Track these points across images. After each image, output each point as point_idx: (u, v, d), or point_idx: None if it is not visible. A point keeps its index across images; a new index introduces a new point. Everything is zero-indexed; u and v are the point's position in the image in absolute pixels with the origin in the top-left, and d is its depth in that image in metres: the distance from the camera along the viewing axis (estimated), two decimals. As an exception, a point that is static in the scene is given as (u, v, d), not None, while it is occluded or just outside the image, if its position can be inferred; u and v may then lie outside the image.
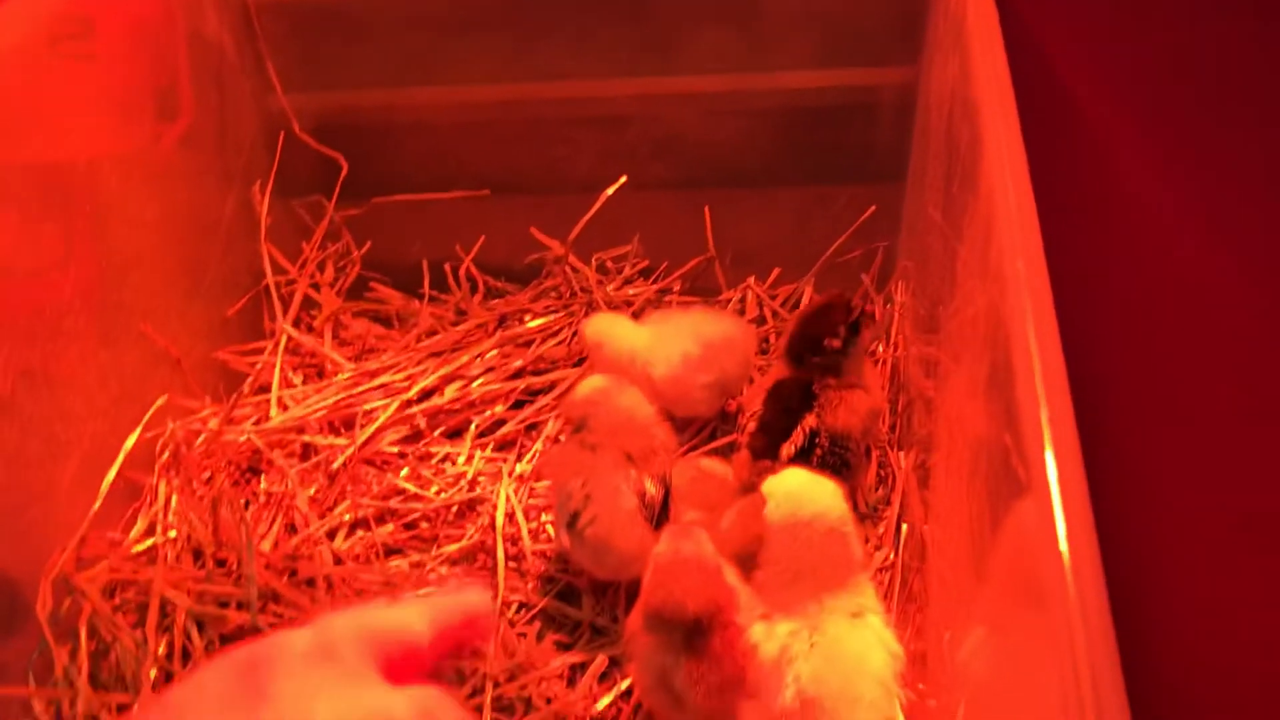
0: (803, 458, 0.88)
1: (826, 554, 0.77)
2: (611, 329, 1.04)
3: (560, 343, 1.15)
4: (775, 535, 0.77)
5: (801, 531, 0.77)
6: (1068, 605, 0.47)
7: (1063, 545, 0.49)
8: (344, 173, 1.20)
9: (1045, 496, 0.51)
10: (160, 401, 1.03)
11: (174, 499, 0.99)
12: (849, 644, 0.72)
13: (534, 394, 1.12)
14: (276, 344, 1.15)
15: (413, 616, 0.41)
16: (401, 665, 0.39)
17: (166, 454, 1.03)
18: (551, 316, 1.17)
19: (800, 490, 0.78)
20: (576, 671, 0.88)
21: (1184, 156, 0.80)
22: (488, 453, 1.07)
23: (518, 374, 1.13)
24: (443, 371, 1.12)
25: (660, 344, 1.01)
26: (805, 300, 1.16)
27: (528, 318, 1.18)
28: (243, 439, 1.05)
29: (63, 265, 0.99)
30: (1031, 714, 0.53)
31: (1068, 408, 0.55)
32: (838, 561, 0.77)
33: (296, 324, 1.18)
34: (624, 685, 0.86)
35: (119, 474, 0.98)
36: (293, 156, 1.21)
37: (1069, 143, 0.88)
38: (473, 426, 1.09)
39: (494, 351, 1.14)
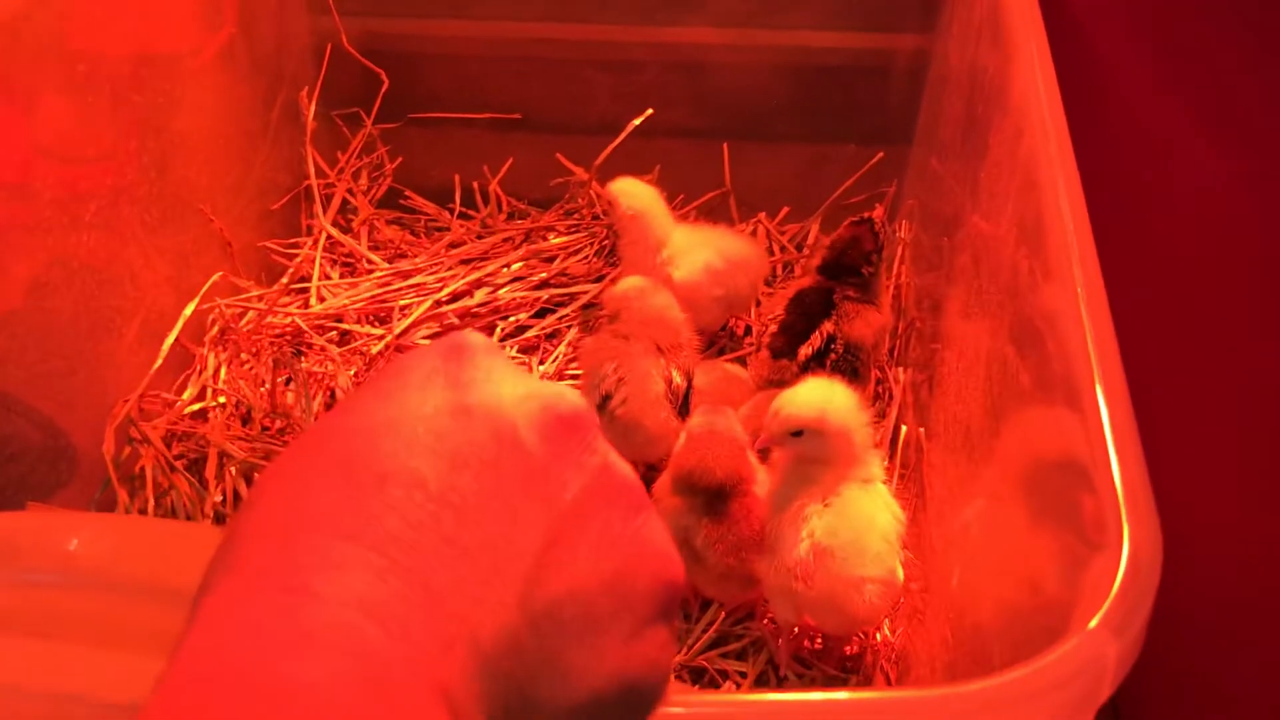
0: (818, 360, 0.96)
1: (846, 452, 0.83)
2: (654, 204, 1.08)
3: (581, 260, 1.23)
4: (805, 438, 0.83)
5: (829, 439, 0.82)
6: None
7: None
8: (385, 87, 1.27)
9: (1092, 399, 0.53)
10: (215, 278, 1.10)
11: (223, 369, 1.06)
12: (860, 505, 0.80)
13: (555, 305, 1.20)
14: (316, 240, 1.22)
15: None
16: None
17: (216, 328, 1.10)
18: (573, 235, 1.25)
19: (827, 399, 0.83)
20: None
21: (1215, 104, 0.83)
22: (512, 354, 1.15)
23: (541, 285, 1.21)
24: (472, 277, 1.19)
25: (688, 249, 1.08)
26: (811, 238, 1.25)
27: (551, 235, 1.26)
28: (288, 320, 1.12)
29: (114, 153, 1.06)
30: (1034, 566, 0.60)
31: (1107, 319, 0.58)
32: (854, 457, 0.85)
33: (333, 225, 1.25)
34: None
35: (174, 342, 1.05)
36: (337, 71, 1.28)
37: (1099, 93, 0.95)
38: (499, 329, 1.16)
39: (520, 263, 1.22)
